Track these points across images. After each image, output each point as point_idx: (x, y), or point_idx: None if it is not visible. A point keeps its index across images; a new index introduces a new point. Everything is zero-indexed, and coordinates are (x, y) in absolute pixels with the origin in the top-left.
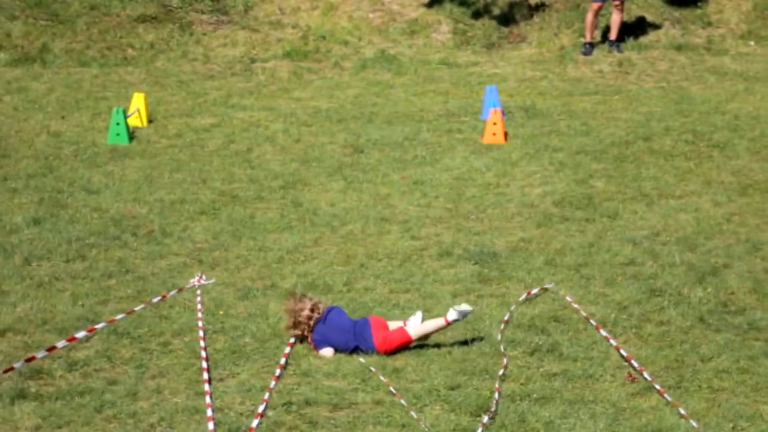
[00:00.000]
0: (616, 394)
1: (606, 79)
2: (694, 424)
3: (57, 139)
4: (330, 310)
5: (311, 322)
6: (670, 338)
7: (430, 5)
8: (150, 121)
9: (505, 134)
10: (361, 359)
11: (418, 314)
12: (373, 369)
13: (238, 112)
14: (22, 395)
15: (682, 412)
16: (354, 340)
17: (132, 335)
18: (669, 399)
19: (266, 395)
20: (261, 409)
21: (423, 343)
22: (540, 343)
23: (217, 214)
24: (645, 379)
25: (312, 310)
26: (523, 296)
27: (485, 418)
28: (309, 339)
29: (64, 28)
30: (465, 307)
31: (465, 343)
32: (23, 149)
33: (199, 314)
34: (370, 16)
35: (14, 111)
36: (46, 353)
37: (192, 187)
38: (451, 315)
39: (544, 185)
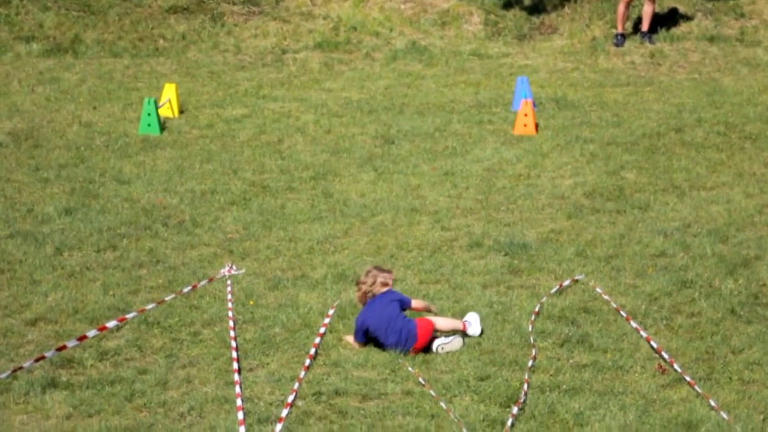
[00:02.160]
0: (646, 386)
1: (638, 70)
2: (725, 416)
3: (89, 130)
4: (379, 298)
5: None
6: (700, 330)
7: None
8: (181, 112)
9: (536, 125)
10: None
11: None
12: (401, 360)
13: (269, 102)
14: (53, 384)
15: (713, 404)
16: (394, 344)
17: (162, 325)
18: (699, 391)
19: (296, 385)
20: (290, 399)
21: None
22: (570, 334)
23: (248, 204)
24: (675, 370)
25: (364, 293)
26: (555, 288)
27: (515, 409)
28: None
29: (96, 19)
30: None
31: (494, 334)
32: (55, 139)
33: (229, 304)
34: (401, 7)
35: (46, 101)
36: (77, 342)
37: (223, 177)
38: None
39: (574, 176)
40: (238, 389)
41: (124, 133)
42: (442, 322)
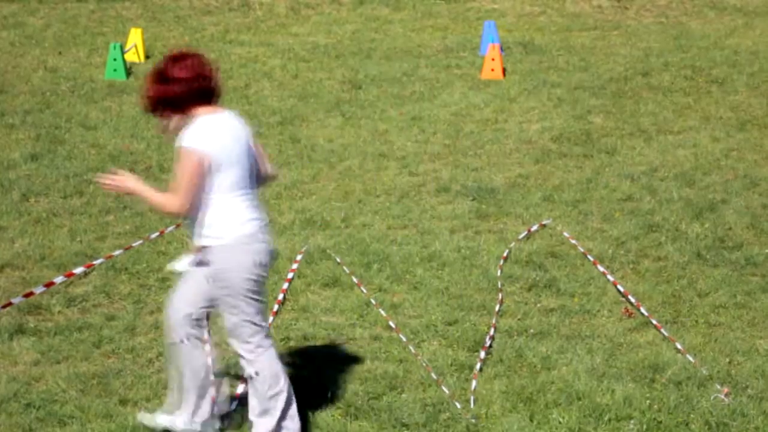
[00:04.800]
0: (613, 330)
1: (605, 14)
2: (691, 358)
3: (54, 75)
4: None
5: None
6: (667, 273)
7: None
8: (147, 57)
9: (504, 70)
10: (363, 289)
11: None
12: (373, 301)
13: (236, 47)
14: (20, 330)
15: (679, 347)
16: None
17: (130, 271)
18: (666, 334)
19: None
20: None
21: (421, 279)
22: (537, 278)
23: None
24: (642, 314)
25: None
26: (523, 233)
27: (482, 354)
28: None
29: None
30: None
31: (462, 278)
32: (20, 85)
33: None
34: None
35: (11, 46)
36: (45, 289)
37: None
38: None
39: (542, 121)
40: (206, 335)
41: (90, 79)
42: None
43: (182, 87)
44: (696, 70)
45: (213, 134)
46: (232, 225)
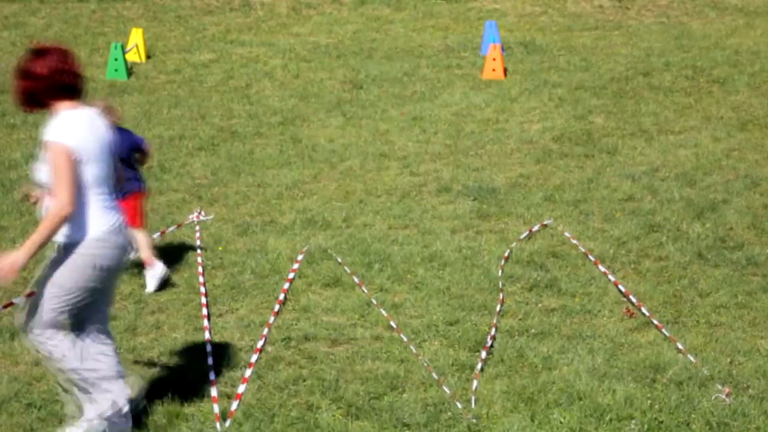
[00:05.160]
0: (614, 330)
1: (606, 14)
2: (692, 358)
3: None
4: None
5: None
6: (668, 273)
7: None
8: (148, 57)
9: (505, 70)
10: (365, 289)
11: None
12: (374, 301)
13: (237, 47)
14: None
15: (680, 347)
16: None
17: (131, 271)
18: (667, 334)
19: (265, 331)
20: (260, 344)
21: (422, 279)
22: (538, 278)
23: (216, 150)
24: (643, 314)
25: None
26: (525, 233)
27: (483, 354)
28: None
29: None
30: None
31: (464, 279)
32: None
33: (198, 250)
34: None
35: (12, 46)
36: None
37: (191, 122)
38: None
39: (543, 121)
40: (207, 335)
41: (91, 79)
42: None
43: (42, 83)
44: (697, 70)
45: (74, 128)
46: (84, 226)
